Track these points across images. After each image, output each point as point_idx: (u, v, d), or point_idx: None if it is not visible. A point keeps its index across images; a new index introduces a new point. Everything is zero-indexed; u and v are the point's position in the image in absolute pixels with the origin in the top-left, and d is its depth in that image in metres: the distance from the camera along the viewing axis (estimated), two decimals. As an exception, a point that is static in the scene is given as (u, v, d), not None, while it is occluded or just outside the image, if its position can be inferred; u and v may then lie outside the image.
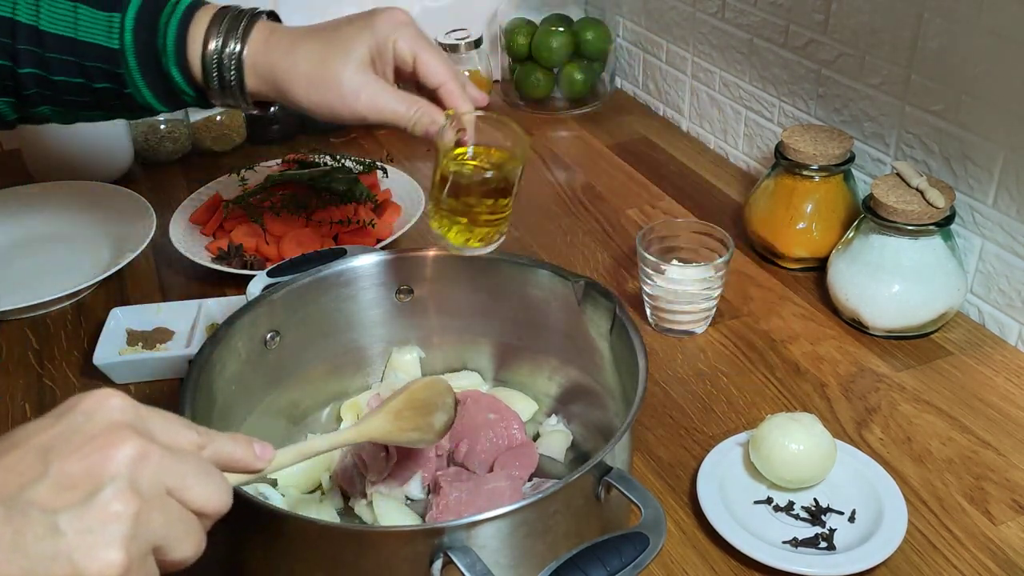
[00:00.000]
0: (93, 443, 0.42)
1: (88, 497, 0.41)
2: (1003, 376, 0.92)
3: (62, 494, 0.41)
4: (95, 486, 0.41)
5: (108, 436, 0.42)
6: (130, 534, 0.41)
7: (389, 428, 0.64)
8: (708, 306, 0.98)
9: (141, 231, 1.11)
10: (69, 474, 0.41)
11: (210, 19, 0.77)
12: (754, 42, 1.25)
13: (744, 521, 0.75)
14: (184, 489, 0.44)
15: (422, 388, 0.67)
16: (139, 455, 0.43)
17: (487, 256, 0.83)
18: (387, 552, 0.60)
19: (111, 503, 0.41)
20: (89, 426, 0.43)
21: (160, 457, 0.43)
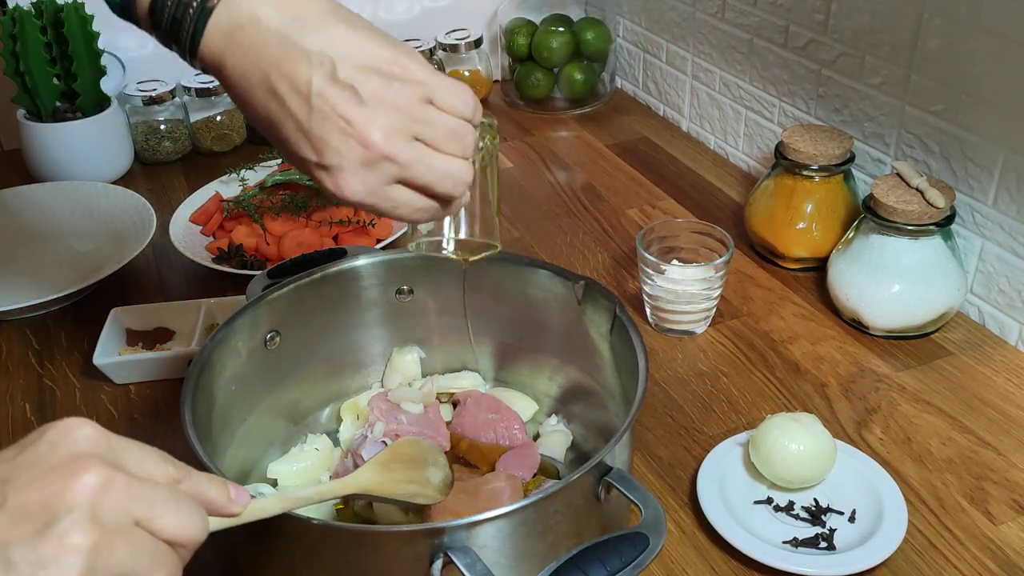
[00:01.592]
0: (53, 473, 0.40)
1: (43, 528, 0.39)
2: (1003, 376, 0.92)
3: (17, 526, 0.39)
4: (51, 517, 0.39)
5: (70, 466, 0.41)
6: (87, 567, 0.39)
7: (380, 479, 0.63)
8: (708, 306, 0.98)
9: (141, 231, 1.11)
10: (25, 505, 0.39)
11: None
12: (754, 42, 1.25)
13: (744, 521, 0.75)
14: (153, 519, 0.42)
15: (406, 443, 0.67)
16: (102, 484, 0.41)
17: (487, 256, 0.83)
18: (387, 552, 0.60)
19: (68, 535, 0.39)
20: (52, 456, 0.41)
21: (126, 486, 0.41)
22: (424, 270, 0.85)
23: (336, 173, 0.56)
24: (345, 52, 0.55)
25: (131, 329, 0.98)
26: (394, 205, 0.58)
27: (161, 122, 1.36)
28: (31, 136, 1.27)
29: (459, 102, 0.58)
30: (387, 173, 0.56)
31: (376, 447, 0.78)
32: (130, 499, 0.41)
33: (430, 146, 0.57)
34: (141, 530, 0.42)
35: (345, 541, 0.60)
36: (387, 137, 0.55)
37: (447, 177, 0.58)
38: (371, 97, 0.55)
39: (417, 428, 0.80)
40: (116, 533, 0.40)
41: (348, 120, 0.54)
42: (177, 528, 0.43)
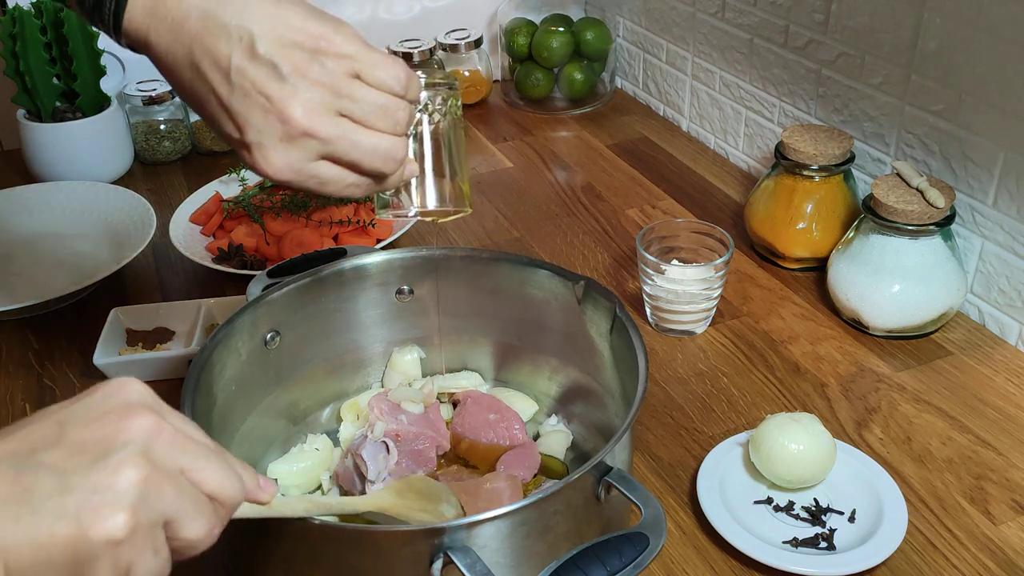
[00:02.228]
0: (108, 416, 0.43)
1: (99, 459, 0.41)
2: (1003, 376, 0.92)
3: (74, 458, 0.41)
4: (107, 450, 0.41)
5: (125, 410, 0.43)
6: (138, 499, 0.41)
7: (394, 501, 0.65)
8: (708, 306, 0.98)
9: (141, 231, 1.11)
10: (82, 441, 0.42)
11: None
12: (754, 42, 1.25)
13: (744, 521, 0.75)
14: (197, 471, 0.44)
15: (419, 480, 0.69)
16: (154, 428, 0.43)
17: (488, 256, 0.83)
18: (387, 552, 0.60)
19: (121, 467, 0.41)
20: (106, 403, 0.44)
21: (173, 435, 0.44)
22: (424, 270, 0.85)
23: (257, 150, 0.55)
24: (267, 27, 0.55)
25: (131, 329, 0.98)
26: (320, 182, 0.57)
27: (161, 122, 1.36)
28: (31, 136, 1.27)
29: (389, 77, 0.57)
30: (309, 149, 0.55)
31: (376, 447, 0.78)
32: (177, 448, 0.44)
33: (357, 122, 0.56)
34: (185, 479, 0.44)
35: (345, 541, 0.60)
36: (307, 113, 0.54)
37: (375, 154, 0.57)
38: (292, 72, 0.54)
39: (417, 428, 0.81)
40: (164, 475, 0.42)
41: (268, 96, 0.54)
42: (217, 485, 0.45)
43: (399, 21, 1.55)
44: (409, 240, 1.14)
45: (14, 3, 1.26)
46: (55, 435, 0.42)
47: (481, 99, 1.56)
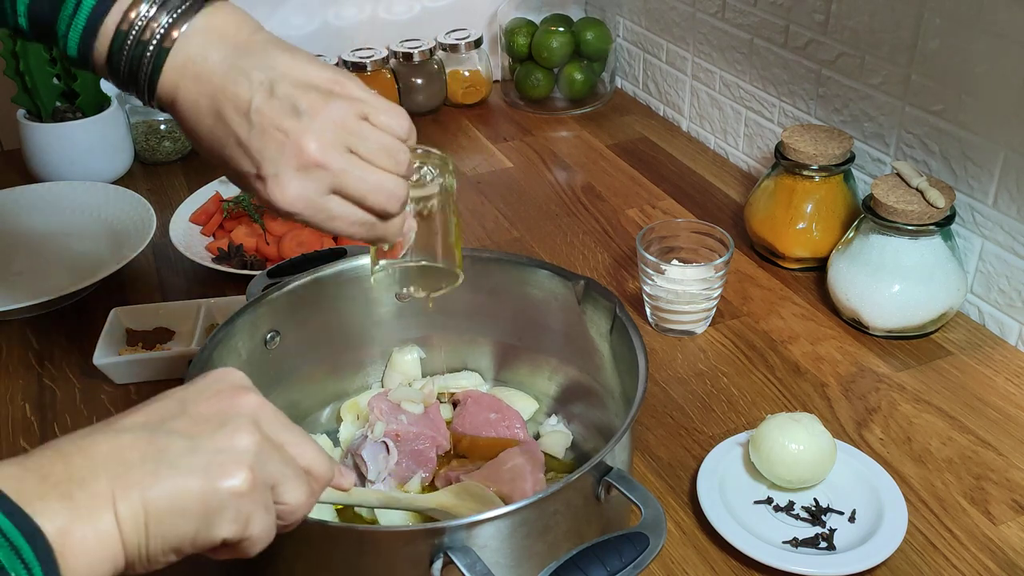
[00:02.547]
0: (222, 393, 0.49)
1: (219, 427, 0.47)
2: (1003, 376, 0.92)
3: (198, 425, 0.47)
4: (224, 420, 0.48)
5: (235, 390, 0.50)
6: (255, 459, 0.47)
7: (455, 503, 0.70)
8: (708, 306, 0.98)
9: (141, 231, 1.11)
10: (203, 413, 0.48)
11: None
12: (754, 42, 1.25)
13: (744, 521, 0.75)
14: (296, 445, 0.50)
15: (475, 486, 0.73)
16: (260, 404, 0.50)
17: (488, 256, 0.83)
18: (387, 552, 0.60)
19: (238, 431, 0.47)
20: (217, 384, 0.50)
21: (275, 413, 0.50)
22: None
23: (273, 181, 0.59)
24: (285, 72, 0.60)
25: (131, 329, 0.98)
26: (330, 216, 0.60)
27: (161, 122, 1.36)
28: (31, 136, 1.27)
29: (394, 122, 0.62)
30: (322, 181, 0.59)
31: (376, 447, 0.78)
32: (278, 423, 0.50)
33: (364, 159, 0.60)
34: (284, 450, 0.49)
35: (345, 541, 0.60)
36: (321, 146, 0.58)
37: (380, 190, 0.60)
38: (308, 110, 0.58)
39: (417, 428, 0.81)
40: (270, 443, 0.48)
41: (284, 131, 0.58)
42: (313, 459, 0.50)
43: (399, 21, 1.55)
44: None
45: (14, 3, 1.26)
46: (179, 409, 0.48)
47: (481, 99, 1.56)
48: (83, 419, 0.91)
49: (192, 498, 0.45)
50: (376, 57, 1.46)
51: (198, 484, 0.45)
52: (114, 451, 0.44)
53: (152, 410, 0.48)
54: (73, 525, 0.41)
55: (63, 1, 0.61)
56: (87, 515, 0.42)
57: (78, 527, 0.42)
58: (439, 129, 1.48)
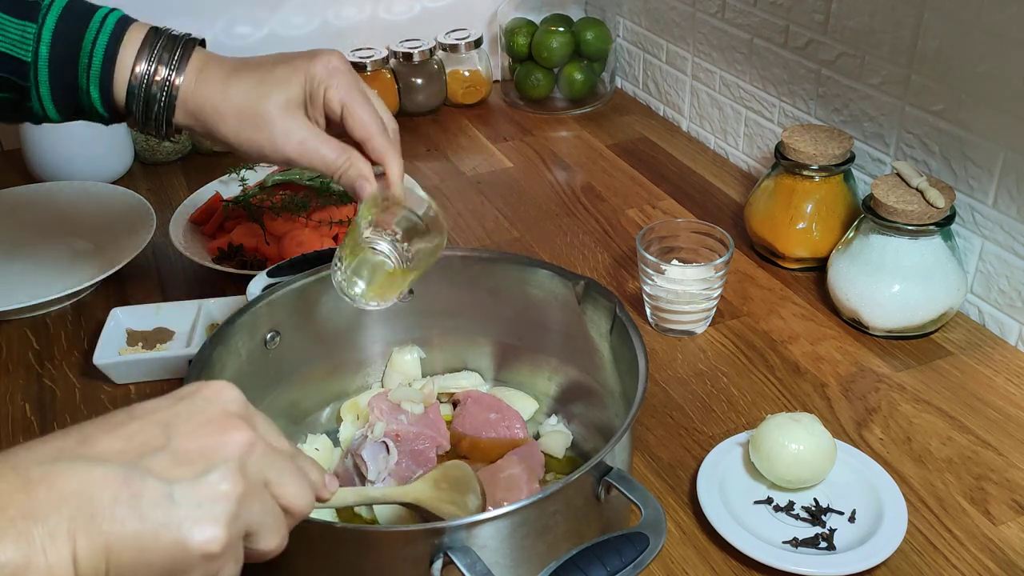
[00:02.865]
0: (210, 425, 0.45)
1: (202, 474, 0.43)
2: (1003, 376, 0.92)
3: (178, 467, 0.43)
4: (208, 465, 0.44)
5: (224, 422, 0.46)
6: (233, 515, 0.44)
7: (431, 494, 0.68)
8: (708, 306, 0.98)
9: (141, 231, 1.11)
10: (186, 450, 0.44)
11: (142, 41, 0.72)
12: (754, 42, 1.25)
13: (744, 521, 0.75)
14: (279, 485, 0.47)
15: (454, 467, 0.71)
16: (248, 444, 0.46)
17: (488, 256, 0.83)
18: (387, 552, 0.60)
19: (221, 483, 0.44)
20: (208, 410, 0.46)
21: (264, 450, 0.47)
22: (424, 270, 0.85)
23: None
24: None
25: (131, 329, 0.98)
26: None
27: (161, 122, 1.36)
28: (31, 136, 1.27)
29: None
30: None
31: (376, 447, 0.78)
32: (266, 462, 0.47)
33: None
34: (268, 492, 0.47)
35: (345, 541, 0.60)
36: None
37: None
38: None
39: (417, 428, 0.81)
40: (254, 490, 0.45)
41: None
42: (293, 498, 0.48)
43: (399, 21, 1.55)
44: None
45: (14, 3, 1.26)
46: (162, 438, 0.44)
47: (481, 99, 1.56)
48: (83, 419, 0.90)
49: (160, 554, 0.42)
50: (376, 57, 1.46)
51: (168, 540, 0.42)
52: (83, 488, 0.41)
53: (131, 435, 0.44)
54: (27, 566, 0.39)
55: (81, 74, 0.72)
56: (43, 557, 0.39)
57: (32, 570, 0.39)
58: (439, 129, 1.48)
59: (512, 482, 0.75)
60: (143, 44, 0.72)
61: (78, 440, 0.44)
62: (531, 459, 0.78)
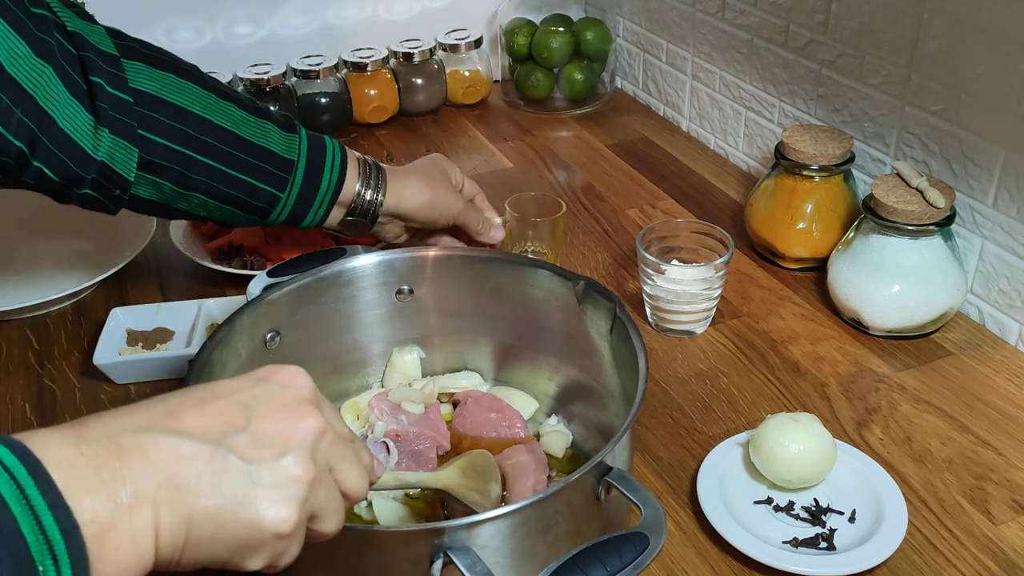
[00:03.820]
0: (286, 410, 0.48)
1: (278, 456, 0.46)
2: (1003, 376, 0.92)
3: (258, 449, 0.46)
4: (285, 448, 0.47)
5: (299, 408, 0.49)
6: (304, 498, 0.47)
7: (459, 481, 0.71)
8: (708, 306, 0.98)
9: (141, 231, 1.11)
10: (265, 432, 0.47)
11: (358, 170, 0.93)
12: (754, 42, 1.25)
13: (744, 521, 0.75)
14: (342, 471, 0.50)
15: (479, 455, 0.73)
16: (319, 431, 0.49)
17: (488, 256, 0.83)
18: (387, 552, 0.60)
19: (295, 467, 0.47)
20: (284, 395, 0.49)
21: (333, 438, 0.50)
22: (424, 270, 0.85)
23: None
24: None
25: (131, 329, 0.98)
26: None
27: (161, 122, 1.36)
28: (31, 136, 1.27)
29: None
30: None
31: (376, 447, 0.78)
32: (332, 449, 0.50)
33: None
34: (331, 477, 0.50)
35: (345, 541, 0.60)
36: None
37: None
38: None
39: (417, 428, 0.81)
40: (320, 475, 0.48)
41: None
42: (353, 485, 0.51)
43: (399, 21, 1.55)
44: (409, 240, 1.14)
45: (14, 3, 1.26)
46: (243, 419, 0.47)
47: (481, 99, 1.56)
48: (83, 419, 0.91)
49: (237, 529, 0.45)
50: (376, 57, 1.46)
51: (245, 517, 0.45)
52: (171, 460, 0.43)
53: (216, 413, 0.47)
54: (112, 527, 0.41)
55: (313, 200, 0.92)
56: (128, 521, 0.41)
57: (117, 531, 0.41)
58: (439, 129, 1.48)
59: (519, 468, 0.75)
60: (360, 173, 0.93)
61: (166, 413, 0.46)
62: (536, 452, 0.78)
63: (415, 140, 1.44)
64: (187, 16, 1.42)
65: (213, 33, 1.45)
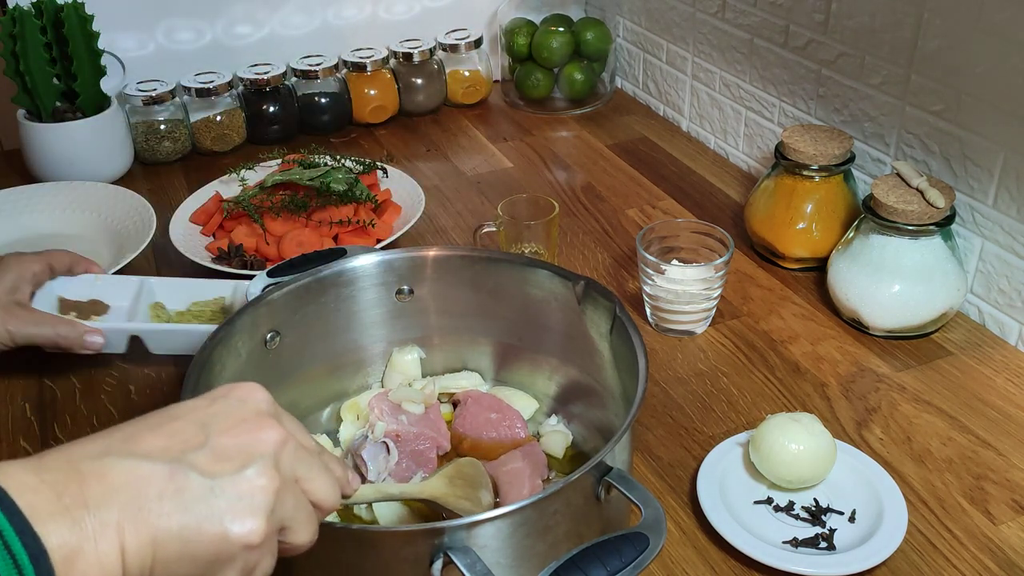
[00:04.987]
0: (245, 424, 0.48)
1: (240, 469, 0.46)
2: (1003, 376, 0.92)
3: (218, 463, 0.46)
4: (246, 460, 0.46)
5: (258, 420, 0.49)
6: (270, 507, 0.46)
7: (445, 491, 0.70)
8: (708, 306, 0.98)
9: (141, 231, 1.11)
10: (225, 447, 0.47)
11: None
12: (754, 42, 1.25)
13: (744, 521, 0.75)
14: (309, 480, 0.50)
15: (467, 464, 0.73)
16: (281, 440, 0.48)
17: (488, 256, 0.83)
18: (387, 552, 0.60)
19: (258, 477, 0.46)
20: (242, 409, 0.49)
21: (295, 447, 0.49)
22: (424, 270, 0.85)
23: None
24: None
25: (64, 298, 0.95)
26: None
27: (161, 122, 1.36)
28: (31, 136, 1.27)
29: None
30: None
31: (377, 447, 0.78)
32: (297, 459, 0.49)
33: None
34: (298, 488, 0.49)
35: (345, 541, 0.60)
36: None
37: None
38: None
39: (418, 428, 0.81)
40: (287, 484, 0.48)
41: None
42: (321, 493, 0.50)
43: (399, 21, 1.55)
44: (409, 240, 1.14)
45: (14, 3, 1.26)
46: (201, 437, 0.46)
47: (481, 99, 1.56)
48: (83, 419, 0.91)
49: (203, 545, 0.44)
50: (376, 57, 1.46)
51: (211, 532, 0.44)
52: (131, 482, 0.43)
53: (173, 433, 0.46)
54: (79, 552, 0.41)
55: None
56: (94, 545, 0.41)
57: (84, 556, 0.41)
58: (439, 129, 1.48)
59: (515, 475, 0.75)
60: None
61: (123, 438, 0.45)
62: (534, 457, 0.78)
63: (415, 140, 1.44)
64: (187, 16, 1.42)
65: (213, 33, 1.45)
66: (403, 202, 1.19)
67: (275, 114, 1.42)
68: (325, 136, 1.45)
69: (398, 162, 1.36)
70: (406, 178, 1.23)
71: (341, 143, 1.44)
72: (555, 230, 1.03)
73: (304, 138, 1.44)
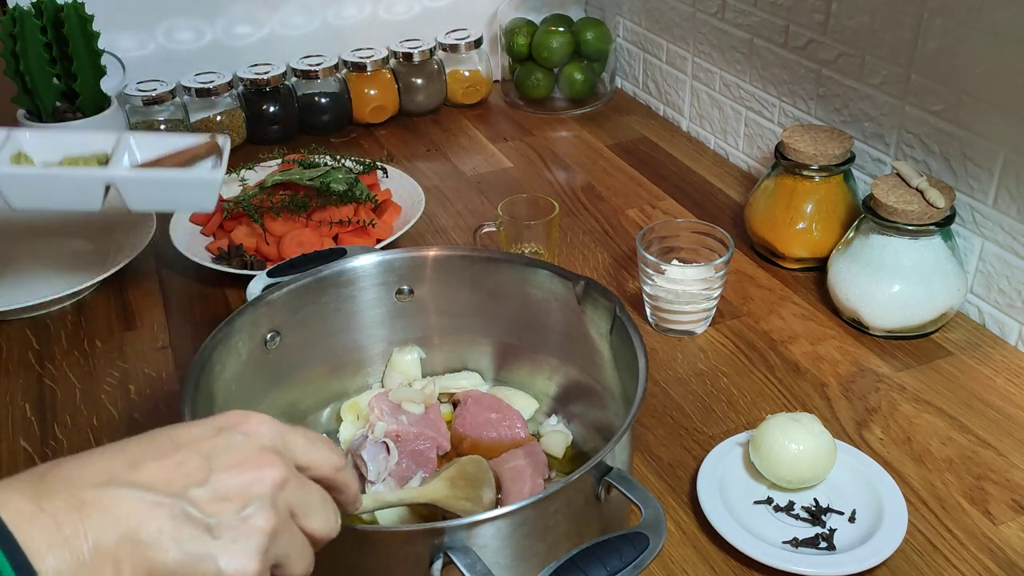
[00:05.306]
0: (248, 463, 0.48)
1: (239, 510, 0.47)
2: (1003, 376, 0.92)
3: (217, 503, 0.46)
4: (245, 501, 0.47)
5: (260, 458, 0.49)
6: (265, 548, 0.47)
7: (446, 493, 0.70)
8: (708, 306, 0.98)
9: (141, 231, 1.11)
10: (226, 486, 0.47)
11: None
12: (754, 42, 1.25)
13: (744, 521, 0.75)
14: (305, 516, 0.51)
15: (469, 462, 0.74)
16: (280, 481, 0.49)
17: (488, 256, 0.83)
18: (387, 552, 0.60)
19: (256, 519, 0.47)
20: (245, 446, 0.49)
21: (295, 485, 0.50)
22: (424, 270, 0.85)
23: None
24: None
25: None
26: None
27: (161, 122, 1.36)
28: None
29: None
30: None
31: (377, 447, 0.78)
32: (294, 497, 0.50)
33: None
34: (293, 523, 0.50)
35: (345, 541, 0.60)
36: None
37: None
38: None
39: (418, 428, 0.81)
40: (283, 523, 0.49)
41: None
42: (317, 527, 0.51)
43: (399, 21, 1.55)
44: (409, 240, 1.14)
45: (14, 3, 1.26)
46: (203, 472, 0.47)
47: (481, 99, 1.56)
48: (83, 419, 0.91)
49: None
50: (376, 57, 1.46)
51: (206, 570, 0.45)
52: (133, 514, 0.44)
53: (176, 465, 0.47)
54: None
55: None
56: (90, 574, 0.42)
57: None
58: (439, 129, 1.48)
59: (517, 473, 0.75)
60: None
61: (126, 464, 0.46)
62: (535, 456, 0.78)
63: (415, 140, 1.44)
64: (187, 16, 1.42)
65: (213, 33, 1.45)
66: (403, 202, 1.19)
67: (275, 114, 1.42)
68: (325, 136, 1.45)
69: (398, 162, 1.36)
70: (406, 178, 1.23)
71: (341, 143, 1.44)
72: (555, 230, 1.03)
73: (304, 138, 1.44)
